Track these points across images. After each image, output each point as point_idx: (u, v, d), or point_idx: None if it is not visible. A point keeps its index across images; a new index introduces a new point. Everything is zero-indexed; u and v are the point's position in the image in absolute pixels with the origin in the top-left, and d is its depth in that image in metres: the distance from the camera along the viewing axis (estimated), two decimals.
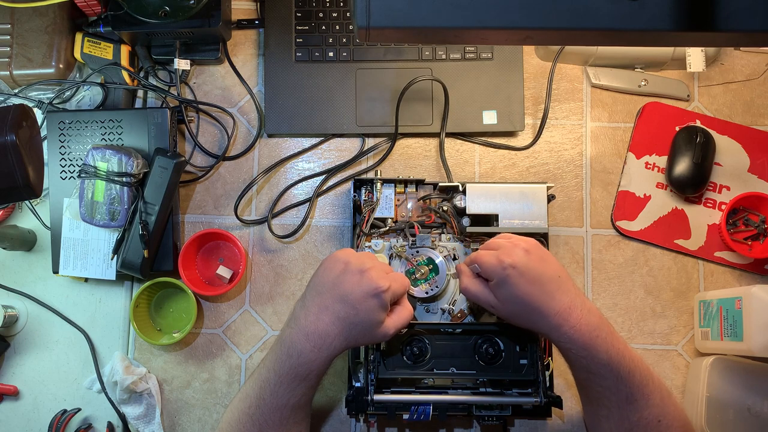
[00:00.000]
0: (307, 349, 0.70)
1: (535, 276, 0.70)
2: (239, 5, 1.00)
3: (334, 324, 0.70)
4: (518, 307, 0.72)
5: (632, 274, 0.94)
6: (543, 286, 0.70)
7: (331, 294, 0.71)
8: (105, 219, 0.87)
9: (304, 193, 0.97)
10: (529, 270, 0.70)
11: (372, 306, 0.70)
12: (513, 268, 0.70)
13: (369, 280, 0.70)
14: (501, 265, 0.71)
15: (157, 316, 0.94)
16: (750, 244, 0.93)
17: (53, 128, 0.91)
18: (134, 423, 0.89)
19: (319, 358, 0.70)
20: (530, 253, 0.71)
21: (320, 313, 0.71)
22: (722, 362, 0.85)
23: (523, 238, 0.75)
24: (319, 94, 0.96)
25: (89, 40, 0.95)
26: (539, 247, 0.74)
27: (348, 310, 0.70)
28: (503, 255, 0.71)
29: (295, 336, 0.71)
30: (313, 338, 0.70)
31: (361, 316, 0.70)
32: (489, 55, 0.96)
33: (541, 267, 0.71)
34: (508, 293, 0.71)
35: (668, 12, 0.51)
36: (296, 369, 0.70)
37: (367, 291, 0.69)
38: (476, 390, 0.84)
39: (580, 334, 0.69)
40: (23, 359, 0.92)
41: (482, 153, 0.98)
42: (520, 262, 0.70)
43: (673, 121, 0.97)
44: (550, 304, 0.70)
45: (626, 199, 0.95)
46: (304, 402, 0.73)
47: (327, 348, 0.70)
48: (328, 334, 0.70)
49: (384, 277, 0.71)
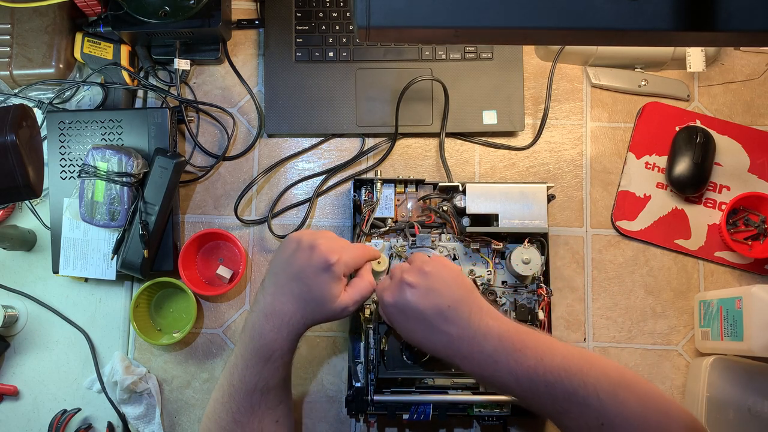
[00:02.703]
0: (266, 329, 0.70)
1: (414, 313, 0.69)
2: (239, 5, 1.00)
3: (290, 302, 0.71)
4: (407, 337, 0.72)
5: (632, 274, 0.94)
6: (425, 321, 0.68)
7: (285, 273, 0.72)
8: (105, 219, 0.87)
9: (304, 193, 0.97)
10: (408, 308, 0.69)
11: (323, 280, 0.70)
12: (392, 307, 0.70)
13: (318, 255, 0.70)
14: (382, 301, 0.72)
15: (157, 316, 0.94)
16: (750, 244, 0.93)
17: (53, 128, 0.91)
18: (134, 423, 0.89)
19: (279, 338, 0.70)
20: (413, 286, 0.69)
21: (276, 293, 0.71)
22: (722, 362, 0.85)
23: (416, 261, 0.72)
24: (319, 94, 0.96)
25: (89, 40, 0.95)
26: (427, 275, 0.69)
27: (301, 287, 0.70)
28: (386, 291, 0.71)
29: (256, 318, 0.72)
30: (271, 318, 0.71)
31: (315, 291, 0.70)
32: (489, 55, 0.96)
33: (423, 302, 0.68)
34: (398, 327, 0.72)
35: (668, 12, 0.51)
36: (259, 351, 0.71)
37: (317, 265, 0.70)
38: (476, 390, 0.84)
39: (474, 363, 0.67)
40: (23, 359, 0.92)
41: (482, 153, 0.98)
42: (399, 301, 0.69)
43: (673, 121, 0.97)
44: (435, 340, 0.68)
45: (626, 199, 0.95)
46: (273, 385, 0.72)
47: (286, 326, 0.70)
48: (285, 312, 0.70)
49: (334, 251, 0.71)
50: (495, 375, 0.66)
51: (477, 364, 0.67)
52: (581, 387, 0.63)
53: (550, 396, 0.64)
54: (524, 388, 0.65)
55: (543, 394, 0.64)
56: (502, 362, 0.65)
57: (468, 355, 0.67)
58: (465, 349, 0.67)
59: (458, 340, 0.67)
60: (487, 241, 0.87)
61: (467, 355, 0.67)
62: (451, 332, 0.67)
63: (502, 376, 0.66)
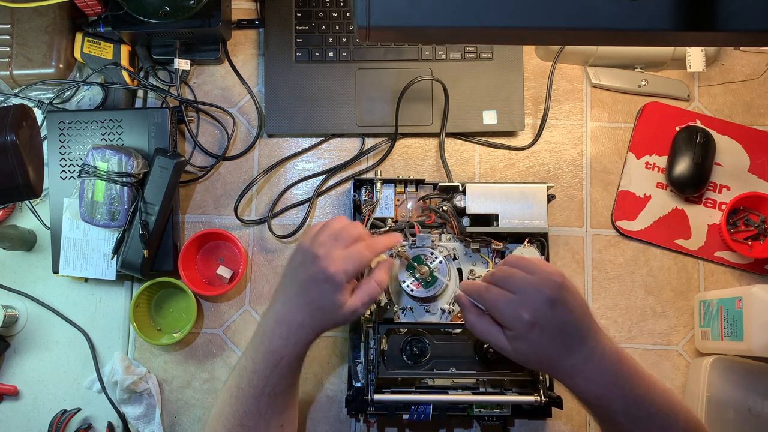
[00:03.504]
0: (276, 335, 0.71)
1: (556, 331, 0.64)
2: (239, 5, 1.00)
3: (298, 312, 0.71)
4: (532, 358, 0.67)
5: (632, 274, 0.94)
6: (563, 339, 0.64)
7: (292, 285, 0.73)
8: (105, 219, 0.87)
9: (304, 193, 0.97)
10: (549, 326, 0.64)
11: (326, 291, 0.70)
12: (531, 325, 0.64)
13: (318, 267, 0.70)
14: (520, 320, 0.64)
15: (157, 316, 0.94)
16: (750, 244, 0.93)
17: (53, 128, 0.91)
18: (134, 423, 0.89)
19: (288, 345, 0.71)
20: (553, 303, 0.64)
21: (286, 302, 0.72)
22: (722, 362, 0.85)
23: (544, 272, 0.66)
24: (319, 94, 0.96)
25: (89, 40, 0.95)
26: (563, 289, 0.65)
27: (307, 299, 0.71)
28: (523, 308, 0.64)
29: (267, 324, 0.73)
30: (281, 325, 0.71)
31: (320, 302, 0.71)
32: (489, 55, 0.96)
33: (563, 319, 0.64)
34: (525, 347, 0.66)
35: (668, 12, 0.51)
36: (268, 356, 0.71)
37: (318, 278, 0.70)
38: (476, 390, 0.84)
39: (593, 384, 0.65)
40: (23, 359, 0.92)
41: (482, 153, 0.98)
42: (542, 318, 0.64)
43: (673, 121, 0.97)
44: (567, 359, 0.65)
45: (626, 199, 0.95)
46: (280, 391, 0.72)
47: (294, 335, 0.71)
48: (293, 321, 0.71)
49: (334, 261, 0.70)
50: (605, 399, 0.65)
51: (595, 386, 0.65)
52: (674, 424, 0.66)
53: (646, 425, 0.65)
54: (629, 413, 0.65)
55: (643, 421, 0.65)
56: (618, 386, 0.65)
57: (590, 376, 0.65)
58: (588, 370, 0.65)
59: (586, 360, 0.65)
60: (487, 241, 0.87)
61: (589, 376, 0.65)
62: (583, 352, 0.65)
63: (614, 398, 0.65)
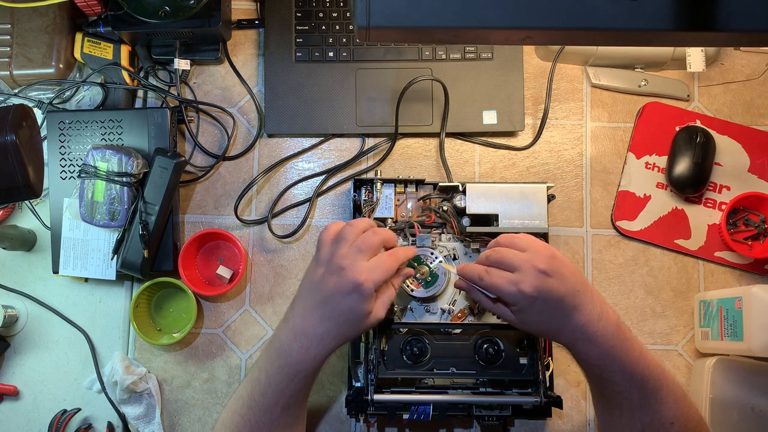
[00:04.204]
0: (294, 349, 0.70)
1: (555, 301, 0.69)
2: (239, 5, 1.00)
3: (320, 324, 0.70)
4: (539, 327, 0.73)
5: (632, 274, 0.94)
6: (564, 307, 0.69)
7: (313, 297, 0.71)
8: (105, 219, 0.87)
9: (304, 193, 0.97)
10: (550, 296, 0.69)
11: (354, 301, 0.70)
12: (533, 299, 0.69)
13: (346, 279, 0.69)
14: (522, 295, 0.70)
15: (157, 316, 0.94)
16: (750, 244, 0.93)
17: (53, 128, 0.91)
18: (134, 423, 0.89)
19: (306, 359, 0.70)
20: (549, 275, 0.69)
21: (306, 315, 0.71)
22: (724, 363, 0.85)
23: (536, 247, 0.72)
24: (319, 94, 0.96)
25: (89, 40, 0.95)
26: (556, 260, 0.71)
27: (332, 310, 0.70)
28: (523, 284, 0.69)
29: (284, 336, 0.72)
30: (300, 338, 0.70)
31: (347, 314, 0.70)
32: (489, 55, 0.96)
33: (561, 288, 0.69)
34: (529, 318, 0.71)
35: (668, 12, 0.51)
36: (284, 369, 0.71)
37: (346, 289, 0.69)
38: (476, 390, 0.84)
39: (595, 345, 0.70)
40: (23, 359, 0.92)
41: (482, 153, 0.98)
42: (542, 290, 0.69)
43: (673, 121, 0.97)
44: (569, 323, 0.70)
45: (626, 199, 0.95)
46: (294, 403, 0.73)
47: (314, 348, 0.70)
48: (315, 334, 0.70)
49: (362, 271, 0.70)
50: (606, 359, 0.70)
51: (596, 346, 0.70)
52: (664, 385, 0.71)
53: (640, 388, 0.70)
54: (626, 375, 0.70)
55: (637, 382, 0.70)
56: (617, 347, 0.70)
57: (592, 337, 0.69)
58: (590, 332, 0.70)
59: (586, 324, 0.69)
60: (487, 241, 0.87)
61: (591, 337, 0.70)
62: (581, 316, 0.70)
63: (613, 362, 0.70)
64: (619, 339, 0.70)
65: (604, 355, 0.70)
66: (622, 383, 0.70)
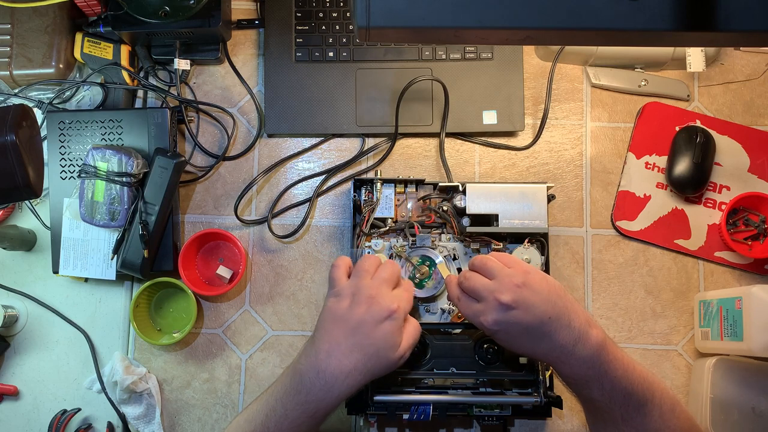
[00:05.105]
0: (317, 386, 0.68)
1: (518, 332, 0.70)
2: (239, 5, 1.00)
3: (349, 356, 0.68)
4: (510, 349, 0.74)
5: (632, 274, 0.94)
6: (528, 335, 0.69)
7: (341, 328, 0.69)
8: (105, 219, 0.87)
9: (304, 193, 0.97)
10: (511, 328, 0.69)
11: (387, 330, 0.69)
12: (494, 331, 0.70)
13: (378, 307, 0.69)
14: (483, 326, 0.71)
15: (157, 316, 0.94)
16: (750, 244, 0.93)
17: (53, 128, 0.91)
18: (134, 423, 0.89)
19: (328, 397, 0.68)
20: (513, 307, 0.68)
21: (332, 349, 0.68)
22: (725, 363, 0.85)
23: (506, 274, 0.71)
24: (319, 94, 0.96)
25: (89, 40, 0.95)
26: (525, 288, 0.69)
27: (362, 340, 0.68)
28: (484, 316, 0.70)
29: (306, 371, 0.69)
30: (324, 376, 0.68)
31: (379, 343, 0.68)
32: (489, 55, 0.96)
33: (525, 319, 0.69)
34: (500, 340, 0.73)
35: (668, 12, 0.51)
36: (304, 406, 0.68)
37: (379, 317, 0.68)
38: (476, 390, 0.84)
39: (569, 367, 0.69)
40: (23, 359, 0.92)
41: (482, 153, 0.98)
42: (502, 323, 0.69)
43: (673, 121, 0.97)
44: (538, 349, 0.70)
45: (626, 199, 0.95)
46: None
47: (338, 387, 0.68)
48: (341, 370, 0.68)
49: (393, 298, 0.70)
50: (581, 380, 0.70)
51: (570, 368, 0.70)
52: (649, 401, 0.70)
53: (622, 405, 0.70)
54: (605, 394, 0.70)
55: (618, 401, 0.70)
56: (595, 369, 0.69)
57: (565, 362, 0.69)
58: (564, 355, 0.69)
59: (561, 348, 0.69)
60: (487, 241, 0.87)
61: (565, 361, 0.69)
62: (553, 341, 0.69)
63: (590, 382, 0.70)
64: (600, 361, 0.69)
65: (581, 377, 0.70)
66: (602, 401, 0.70)
